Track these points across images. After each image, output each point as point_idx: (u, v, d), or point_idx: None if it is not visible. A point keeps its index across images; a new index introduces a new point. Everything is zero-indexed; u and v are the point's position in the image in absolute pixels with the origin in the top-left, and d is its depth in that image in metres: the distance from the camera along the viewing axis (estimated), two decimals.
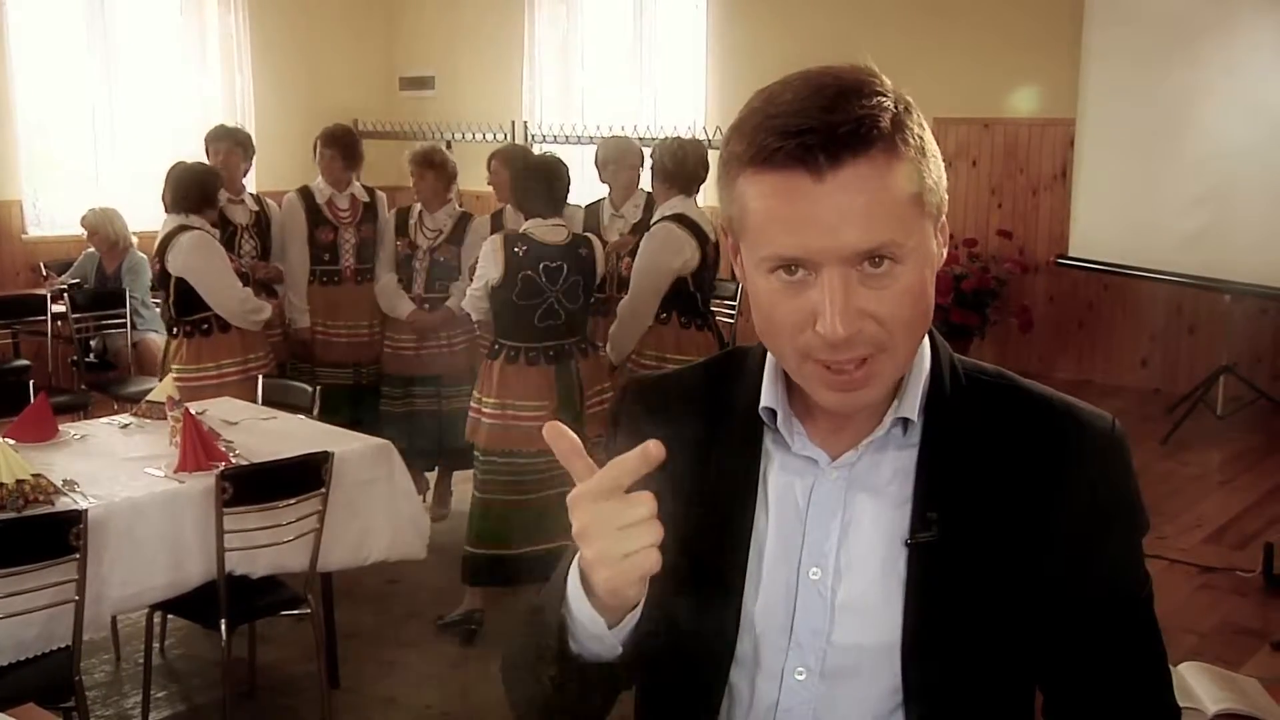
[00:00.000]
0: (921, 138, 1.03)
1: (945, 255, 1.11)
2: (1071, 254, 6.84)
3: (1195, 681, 2.04)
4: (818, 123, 0.98)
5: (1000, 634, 1.10)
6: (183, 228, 4.43)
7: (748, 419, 1.16)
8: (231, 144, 5.15)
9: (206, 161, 4.97)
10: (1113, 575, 1.13)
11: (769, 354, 1.16)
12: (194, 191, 4.49)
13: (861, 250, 1.00)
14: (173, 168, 4.60)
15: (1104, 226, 6.66)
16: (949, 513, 1.09)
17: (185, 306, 4.47)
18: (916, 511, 1.10)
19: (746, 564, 1.14)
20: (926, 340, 1.14)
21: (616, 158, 4.79)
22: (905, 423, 1.12)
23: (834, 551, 1.12)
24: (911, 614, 1.09)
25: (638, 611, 1.05)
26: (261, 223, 5.15)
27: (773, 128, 1.00)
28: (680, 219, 4.24)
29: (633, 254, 4.43)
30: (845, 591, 1.11)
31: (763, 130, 1.01)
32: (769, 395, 1.15)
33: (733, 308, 6.10)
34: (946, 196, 1.09)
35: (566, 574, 1.06)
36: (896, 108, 1.02)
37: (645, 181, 4.77)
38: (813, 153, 0.98)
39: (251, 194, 5.30)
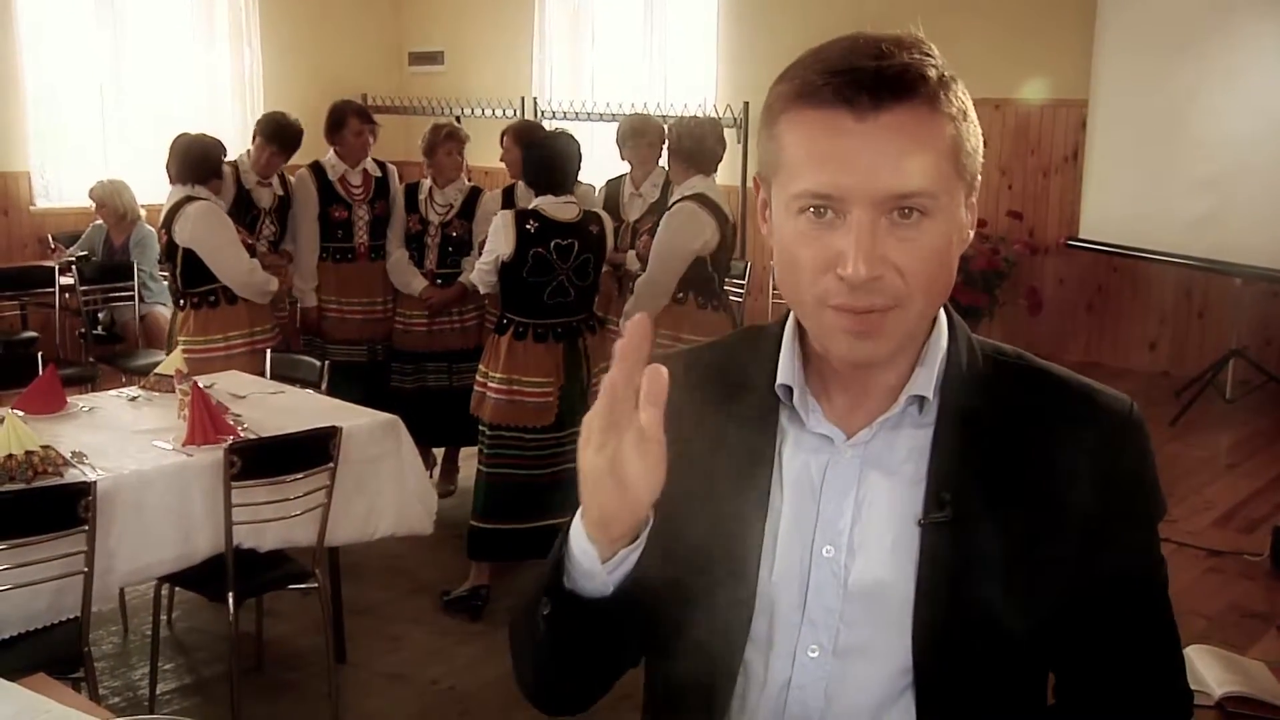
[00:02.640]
0: (965, 104, 1.04)
1: (971, 237, 1.10)
2: (1081, 236, 6.82)
3: (1202, 664, 2.04)
4: (865, 64, 0.99)
5: (1012, 616, 1.10)
6: (189, 199, 4.42)
7: (764, 396, 1.15)
8: (265, 139, 4.97)
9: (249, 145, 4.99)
10: (1127, 559, 1.12)
11: (785, 331, 1.16)
12: (199, 163, 4.48)
13: (894, 194, 1.00)
14: (176, 139, 4.58)
15: (1114, 209, 6.63)
16: (962, 493, 1.09)
17: (192, 278, 4.47)
18: (930, 491, 1.10)
19: (762, 542, 1.13)
20: (944, 318, 1.14)
21: (637, 134, 4.73)
22: (921, 401, 1.11)
23: (848, 530, 1.11)
24: (923, 594, 1.08)
25: (632, 552, 1.04)
26: (284, 206, 5.11)
27: (820, 68, 1.01)
28: (701, 199, 4.20)
29: (651, 232, 4.40)
30: (858, 570, 1.11)
31: (810, 70, 1.02)
32: (785, 372, 1.14)
33: (741, 287, 6.08)
34: (981, 175, 1.09)
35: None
36: (943, 70, 1.02)
37: (664, 160, 4.71)
38: (857, 91, 0.99)
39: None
